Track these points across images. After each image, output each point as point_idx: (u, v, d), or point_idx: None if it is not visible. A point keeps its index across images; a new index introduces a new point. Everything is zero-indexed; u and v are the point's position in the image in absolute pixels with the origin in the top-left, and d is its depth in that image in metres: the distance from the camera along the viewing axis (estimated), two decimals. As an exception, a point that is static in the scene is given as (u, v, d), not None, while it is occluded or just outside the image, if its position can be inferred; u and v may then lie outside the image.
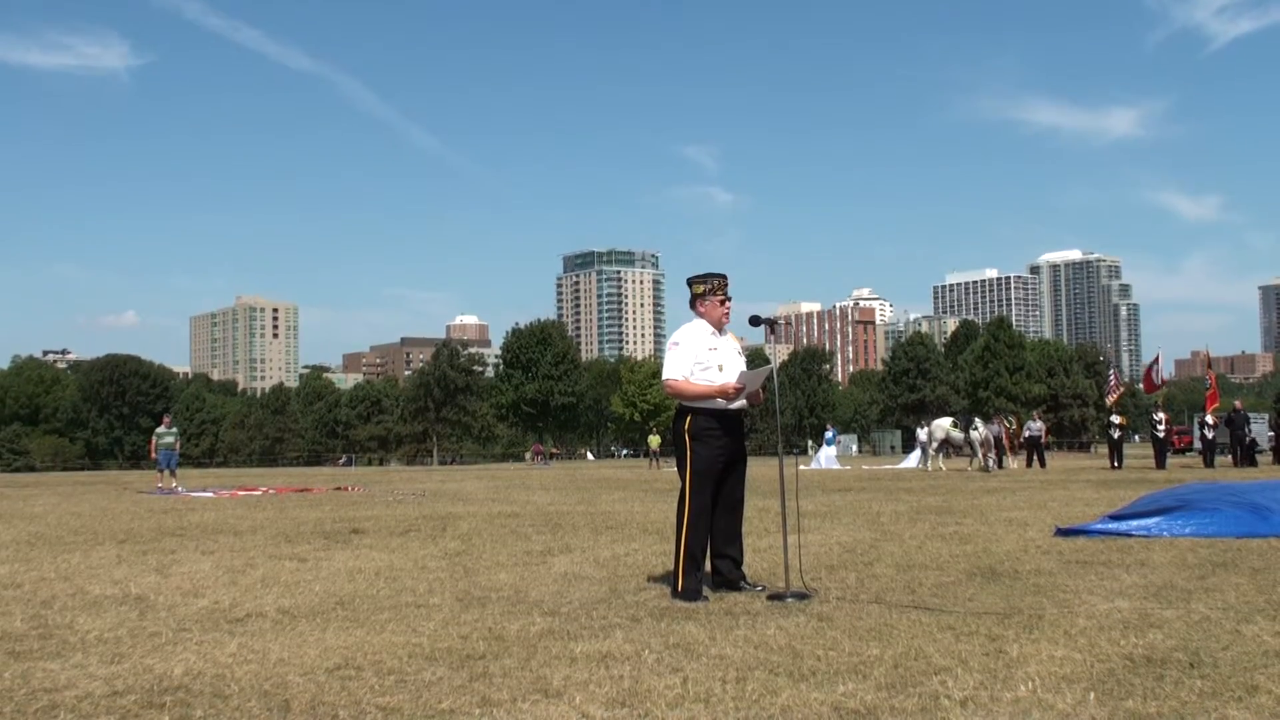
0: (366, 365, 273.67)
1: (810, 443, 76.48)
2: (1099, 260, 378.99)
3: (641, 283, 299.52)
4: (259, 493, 22.97)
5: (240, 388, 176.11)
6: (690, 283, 7.02)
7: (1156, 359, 39.01)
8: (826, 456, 39.29)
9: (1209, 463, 32.03)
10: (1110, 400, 37.08)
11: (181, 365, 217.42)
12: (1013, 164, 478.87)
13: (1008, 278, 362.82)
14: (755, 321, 7.21)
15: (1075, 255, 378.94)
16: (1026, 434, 35.74)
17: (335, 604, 6.48)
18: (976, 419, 34.42)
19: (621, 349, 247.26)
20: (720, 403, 6.71)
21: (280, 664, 4.80)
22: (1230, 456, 34.00)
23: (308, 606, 6.41)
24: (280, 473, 53.20)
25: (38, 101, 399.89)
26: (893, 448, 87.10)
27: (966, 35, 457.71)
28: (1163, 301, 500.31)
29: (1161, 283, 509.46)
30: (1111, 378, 40.21)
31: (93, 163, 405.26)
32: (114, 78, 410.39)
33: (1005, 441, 33.62)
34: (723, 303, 6.91)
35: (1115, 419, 34.26)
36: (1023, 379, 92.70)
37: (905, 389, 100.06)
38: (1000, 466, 31.89)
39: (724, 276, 6.98)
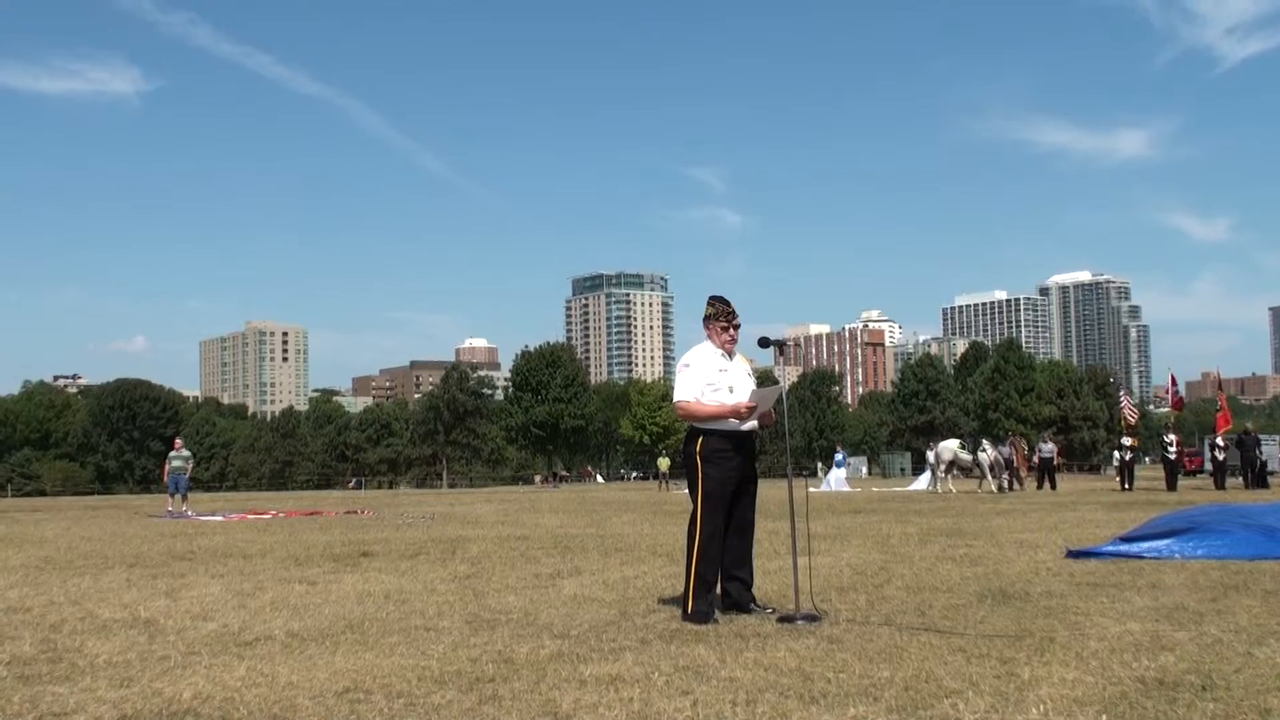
0: (376, 388, 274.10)
1: (820, 465, 76.36)
2: (1108, 281, 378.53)
3: (650, 305, 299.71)
4: (269, 516, 22.98)
5: (250, 411, 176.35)
6: (708, 300, 7.02)
7: (1173, 380, 39.25)
8: (836, 479, 39.20)
9: (1220, 485, 31.92)
10: (1134, 422, 36.96)
11: (191, 389, 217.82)
12: (1021, 185, 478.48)
13: (1017, 299, 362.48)
14: (764, 343, 7.20)
15: (1084, 276, 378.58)
16: (1038, 455, 35.70)
17: (344, 627, 6.47)
18: (984, 440, 34.35)
19: (631, 372, 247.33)
20: (733, 423, 6.71)
21: (289, 687, 4.80)
22: (1241, 478, 33.88)
23: (317, 629, 6.40)
24: (290, 496, 53.23)
25: (47, 127, 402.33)
26: (902, 470, 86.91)
27: (974, 56, 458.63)
28: (1172, 322, 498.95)
29: (1171, 304, 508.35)
30: (1123, 400, 40.07)
31: (102, 188, 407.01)
32: (124, 103, 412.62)
33: (1020, 462, 33.51)
34: (725, 329, 6.90)
35: (1126, 441, 34.20)
36: (1032, 400, 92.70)
37: (915, 411, 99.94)
38: (1013, 488, 31.80)
39: (729, 305, 6.96)
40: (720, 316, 6.91)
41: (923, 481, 37.51)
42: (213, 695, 4.68)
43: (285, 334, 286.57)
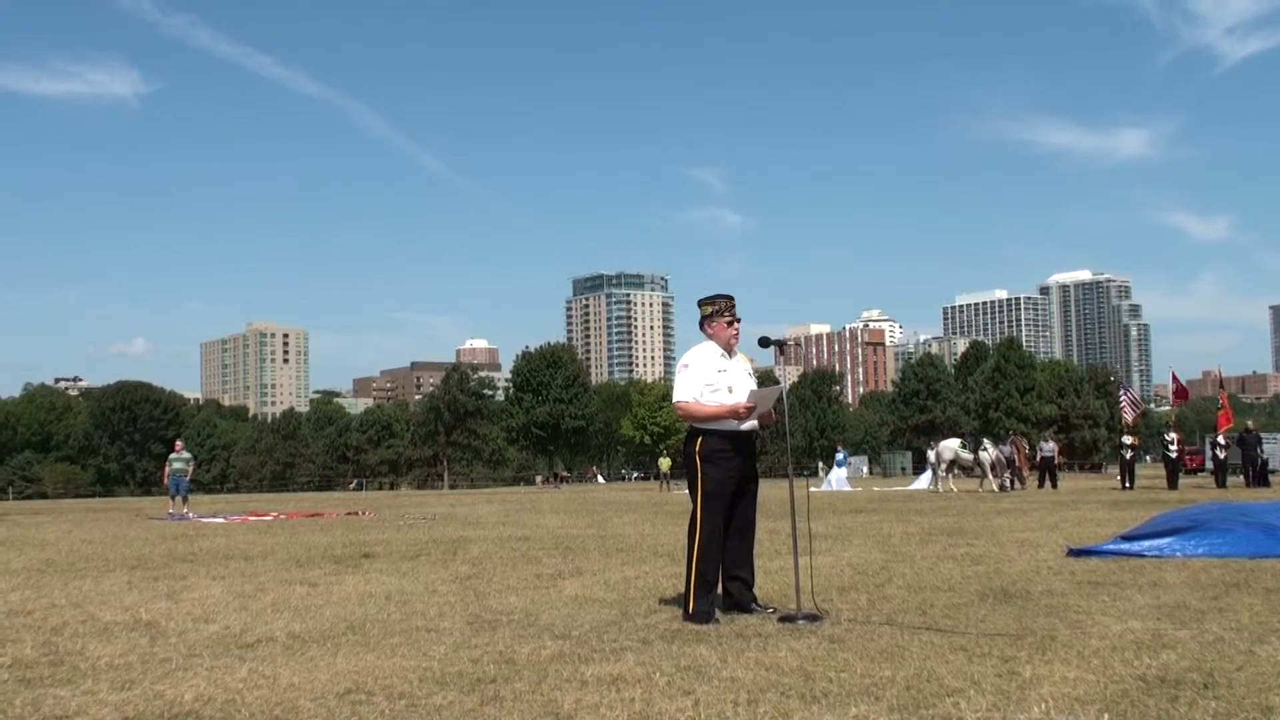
0: (377, 390, 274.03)
1: (821, 464, 76.33)
2: (1109, 281, 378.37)
3: (651, 305, 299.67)
4: (270, 518, 22.98)
5: (251, 413, 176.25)
6: (700, 304, 7.03)
7: (1175, 378, 39.35)
8: (838, 478, 39.19)
9: (1221, 483, 31.91)
10: (1131, 421, 36.95)
11: (192, 391, 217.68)
12: (1022, 184, 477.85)
13: (1017, 298, 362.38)
14: (764, 343, 7.19)
15: (1085, 276, 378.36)
16: (1040, 455, 35.68)
17: (346, 628, 6.47)
18: (985, 440, 34.32)
19: (631, 372, 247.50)
20: (732, 424, 6.71)
21: (291, 689, 4.80)
22: (1243, 477, 33.88)
23: (318, 631, 6.40)
24: (291, 498, 53.23)
25: (46, 129, 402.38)
26: (903, 469, 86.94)
27: (975, 56, 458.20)
28: (1173, 321, 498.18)
29: (1172, 303, 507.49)
30: (1123, 398, 40.06)
31: (102, 190, 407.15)
32: (123, 105, 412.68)
33: (1021, 461, 33.48)
34: (730, 324, 6.91)
35: (1127, 439, 34.20)
36: (1033, 399, 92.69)
37: (915, 410, 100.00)
38: (1013, 487, 31.76)
39: (731, 298, 6.98)
40: (724, 312, 6.92)
41: (924, 481, 37.47)
42: (214, 697, 4.68)
43: (286, 335, 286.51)
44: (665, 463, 54.83)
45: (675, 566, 9.24)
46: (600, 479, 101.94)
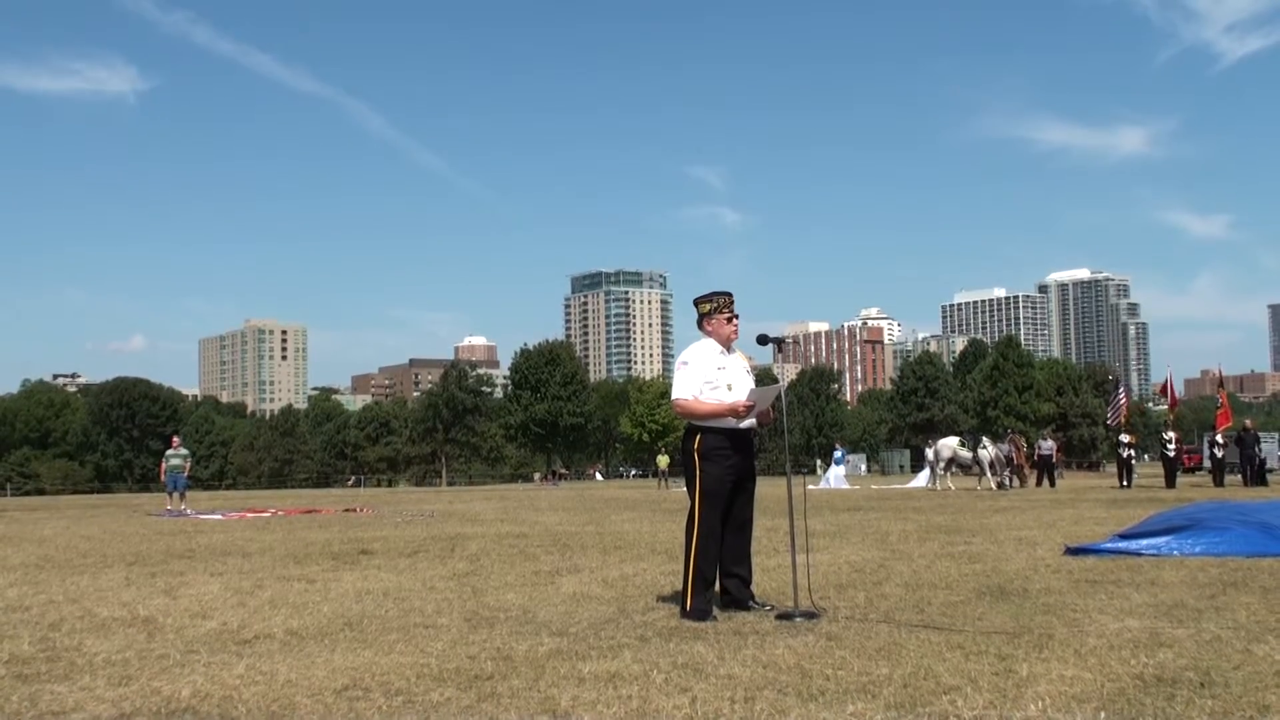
0: (375, 387, 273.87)
1: (819, 462, 76.33)
2: (1107, 279, 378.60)
3: (649, 303, 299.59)
4: (268, 514, 22.96)
5: (249, 410, 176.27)
6: (696, 303, 7.03)
7: (1170, 385, 39.41)
8: (836, 476, 39.20)
9: (1219, 482, 31.94)
10: (1119, 421, 37.02)
11: (190, 388, 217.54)
12: (1021, 183, 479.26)
13: (1016, 297, 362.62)
14: (763, 341, 7.19)
15: (1083, 274, 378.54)
16: (1038, 453, 35.70)
17: (343, 625, 6.47)
18: (984, 438, 34.33)
19: (630, 369, 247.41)
20: (730, 421, 6.71)
21: (288, 685, 4.80)
22: (1240, 476, 33.91)
23: (316, 627, 6.40)
24: (289, 494, 53.21)
25: (44, 126, 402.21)
26: (901, 467, 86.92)
27: (974, 54, 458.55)
28: (1171, 320, 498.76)
29: (1170, 302, 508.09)
30: (1122, 397, 40.11)
31: (100, 187, 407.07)
32: (121, 101, 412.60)
33: (1020, 460, 33.48)
34: (730, 320, 6.91)
35: (1125, 438, 34.24)
36: (1031, 398, 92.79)
37: (914, 408, 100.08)
38: (1011, 484, 31.76)
39: (729, 294, 6.98)
40: (722, 309, 6.92)
41: (922, 479, 37.50)
42: (211, 693, 4.68)
43: (284, 332, 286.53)
44: (664, 460, 54.80)
45: (673, 564, 9.24)
46: (598, 476, 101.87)
